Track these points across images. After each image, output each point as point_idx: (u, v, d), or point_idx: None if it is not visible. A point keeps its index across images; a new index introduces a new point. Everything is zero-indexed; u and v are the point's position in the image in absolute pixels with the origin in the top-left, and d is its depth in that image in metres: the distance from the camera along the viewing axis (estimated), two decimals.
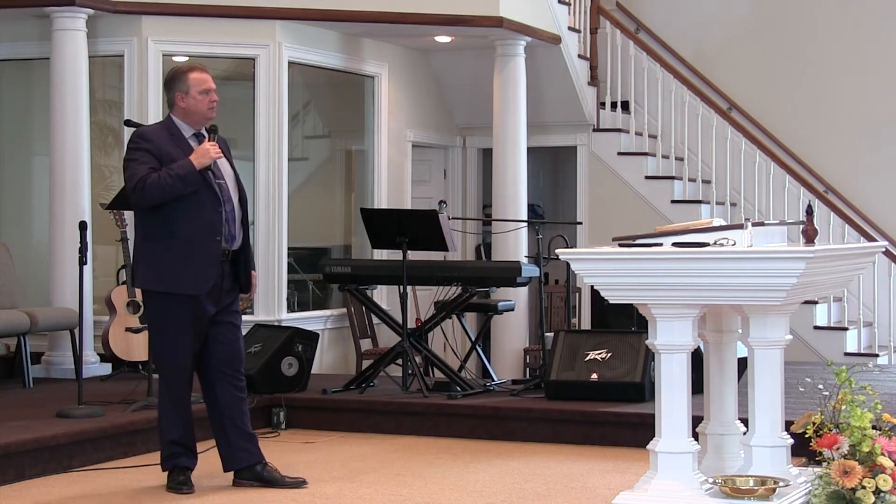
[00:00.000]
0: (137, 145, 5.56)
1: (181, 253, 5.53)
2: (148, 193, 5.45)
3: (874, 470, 4.58)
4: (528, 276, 8.05)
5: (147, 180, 5.44)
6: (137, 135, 5.62)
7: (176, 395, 5.67)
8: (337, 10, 9.46)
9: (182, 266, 5.53)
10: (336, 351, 10.10)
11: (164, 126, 5.67)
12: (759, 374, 4.69)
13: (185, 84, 5.61)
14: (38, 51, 9.14)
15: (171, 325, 5.59)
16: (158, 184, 5.44)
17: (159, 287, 5.57)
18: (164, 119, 5.74)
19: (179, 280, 5.53)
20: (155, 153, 5.52)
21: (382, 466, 6.37)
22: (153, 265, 5.57)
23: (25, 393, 8.06)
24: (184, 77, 5.62)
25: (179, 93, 5.62)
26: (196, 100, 5.60)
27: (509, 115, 10.41)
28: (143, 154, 5.52)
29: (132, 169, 5.51)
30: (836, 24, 11.50)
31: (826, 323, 10.66)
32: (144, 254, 5.61)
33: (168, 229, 5.54)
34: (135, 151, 5.55)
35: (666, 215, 10.94)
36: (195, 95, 5.60)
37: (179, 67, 5.71)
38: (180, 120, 5.65)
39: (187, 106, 5.61)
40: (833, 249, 4.97)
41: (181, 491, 5.63)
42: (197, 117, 5.63)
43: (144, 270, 5.61)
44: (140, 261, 5.63)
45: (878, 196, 11.27)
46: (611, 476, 6.06)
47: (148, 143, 5.54)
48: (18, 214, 9.97)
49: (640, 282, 4.61)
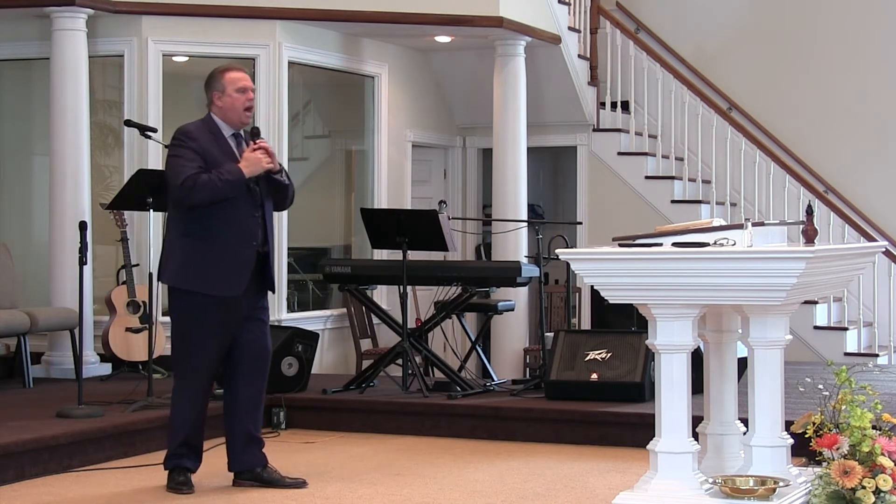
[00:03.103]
0: (182, 143, 5.56)
1: (217, 255, 5.53)
2: (197, 194, 5.45)
3: (874, 470, 4.58)
4: (528, 276, 8.05)
5: (198, 180, 5.45)
6: (182, 132, 5.61)
7: (193, 395, 5.64)
8: (337, 10, 9.46)
9: (216, 268, 5.52)
10: (336, 351, 10.10)
11: (205, 124, 5.66)
12: (759, 374, 4.69)
13: (222, 83, 5.64)
14: (38, 51, 9.14)
15: (199, 324, 5.56)
16: (208, 185, 5.45)
17: (191, 286, 5.54)
18: (204, 117, 5.72)
19: (213, 281, 5.52)
20: (199, 151, 5.53)
21: (382, 466, 6.38)
22: (186, 264, 5.55)
23: (25, 393, 8.06)
24: (220, 76, 5.66)
25: (216, 92, 5.64)
26: (233, 98, 5.62)
27: (509, 115, 10.41)
28: (188, 151, 5.52)
29: (178, 165, 5.50)
30: (836, 24, 11.50)
31: (826, 323, 10.66)
32: (177, 251, 5.58)
33: (205, 230, 5.53)
34: (180, 148, 5.55)
35: (666, 215, 10.94)
36: (231, 94, 5.62)
37: (217, 67, 5.76)
38: (219, 119, 5.66)
39: (224, 104, 5.63)
40: (833, 249, 4.97)
41: (181, 491, 5.63)
42: (234, 116, 5.65)
43: (176, 268, 5.58)
44: (171, 258, 5.61)
45: (878, 196, 11.27)
46: (611, 476, 6.06)
47: (193, 142, 5.54)
48: (18, 214, 9.97)
49: (640, 282, 4.61)
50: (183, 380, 5.67)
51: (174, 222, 5.66)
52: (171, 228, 5.68)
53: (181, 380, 5.68)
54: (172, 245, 5.63)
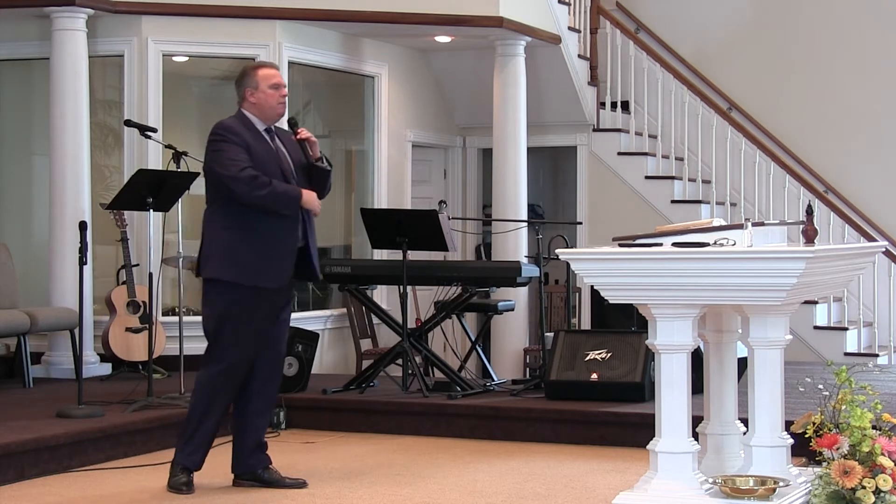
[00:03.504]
0: (224, 137, 5.56)
1: (261, 247, 5.54)
2: (256, 190, 5.46)
3: (874, 470, 4.58)
4: (528, 276, 8.05)
5: (260, 179, 5.46)
6: (222, 127, 5.62)
7: (228, 391, 5.61)
8: (337, 10, 9.46)
9: (261, 260, 5.53)
10: (336, 351, 10.10)
11: (239, 120, 5.67)
12: (759, 374, 4.69)
13: (255, 79, 5.67)
14: (38, 51, 9.14)
15: (242, 317, 5.55)
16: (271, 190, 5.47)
17: (235, 278, 5.53)
18: (235, 114, 5.73)
19: (257, 273, 5.53)
20: (244, 146, 5.55)
21: (382, 466, 6.38)
22: (230, 256, 5.54)
23: (25, 393, 8.06)
24: (253, 73, 5.70)
25: (249, 88, 5.67)
26: (266, 94, 5.66)
27: (509, 115, 10.41)
28: (233, 145, 5.53)
29: (227, 158, 5.50)
30: (836, 24, 11.50)
31: (826, 323, 10.66)
32: (219, 244, 5.57)
33: (250, 223, 5.54)
34: (223, 143, 5.55)
35: (666, 215, 10.95)
36: (265, 90, 5.65)
37: (249, 65, 5.81)
38: (251, 114, 5.68)
39: (257, 101, 5.66)
40: (833, 249, 4.97)
41: (181, 491, 5.62)
42: (267, 111, 5.68)
43: (219, 261, 5.56)
44: (213, 251, 5.58)
45: (878, 196, 11.27)
46: (611, 476, 6.06)
47: (235, 136, 5.56)
48: (18, 214, 9.97)
49: (640, 282, 4.61)
50: (219, 374, 5.59)
51: (215, 216, 5.63)
52: (212, 222, 5.64)
53: (215, 374, 5.60)
54: (213, 238, 5.60)
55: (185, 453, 5.66)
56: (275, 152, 5.67)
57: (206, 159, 5.63)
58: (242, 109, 5.72)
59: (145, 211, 7.30)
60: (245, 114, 5.70)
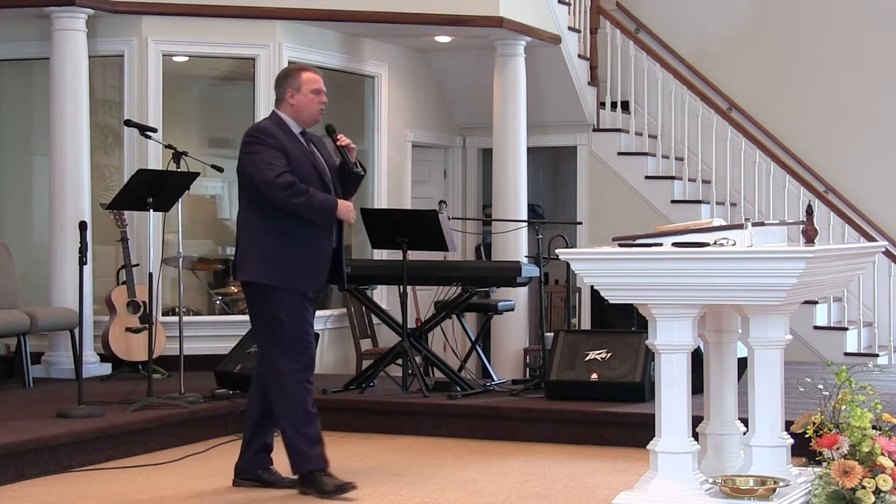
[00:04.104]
0: (261, 140, 5.51)
1: (298, 251, 5.52)
2: (291, 200, 5.42)
3: (874, 470, 4.58)
4: (528, 276, 8.05)
5: (296, 187, 5.42)
6: (259, 130, 5.57)
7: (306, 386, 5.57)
8: (337, 10, 9.46)
9: (298, 262, 5.51)
10: (336, 351, 10.10)
11: (276, 122, 5.62)
12: (759, 374, 4.69)
13: (298, 81, 5.62)
14: (38, 51, 9.14)
15: (290, 318, 5.51)
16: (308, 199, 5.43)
17: (273, 281, 5.49)
18: (270, 115, 5.69)
19: (296, 276, 5.51)
20: (280, 149, 5.50)
21: (382, 466, 6.38)
22: (268, 259, 5.50)
23: (25, 393, 8.06)
24: (296, 75, 5.65)
25: (290, 89, 5.62)
26: (307, 98, 5.62)
27: (509, 115, 10.41)
28: (270, 149, 5.48)
29: (264, 162, 5.45)
30: (836, 24, 11.50)
31: (826, 323, 10.66)
32: (256, 247, 5.53)
33: (286, 226, 5.51)
34: (259, 145, 5.50)
35: (666, 215, 10.95)
36: (306, 94, 5.61)
37: (292, 66, 5.77)
38: (288, 117, 5.63)
39: (297, 103, 5.61)
40: (833, 249, 4.97)
41: (346, 489, 5.53)
42: (306, 116, 5.64)
43: (256, 264, 5.52)
44: (249, 254, 5.55)
45: (878, 196, 11.27)
46: (611, 476, 6.06)
47: (273, 139, 5.51)
48: (18, 214, 9.97)
49: (640, 282, 4.61)
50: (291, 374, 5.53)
51: (251, 218, 5.59)
52: (247, 225, 5.61)
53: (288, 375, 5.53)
54: (250, 241, 5.57)
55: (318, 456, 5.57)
56: (311, 155, 5.63)
57: (241, 161, 5.58)
58: (279, 111, 5.66)
59: (145, 211, 7.29)
60: (281, 116, 5.64)
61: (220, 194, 10.78)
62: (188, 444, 6.94)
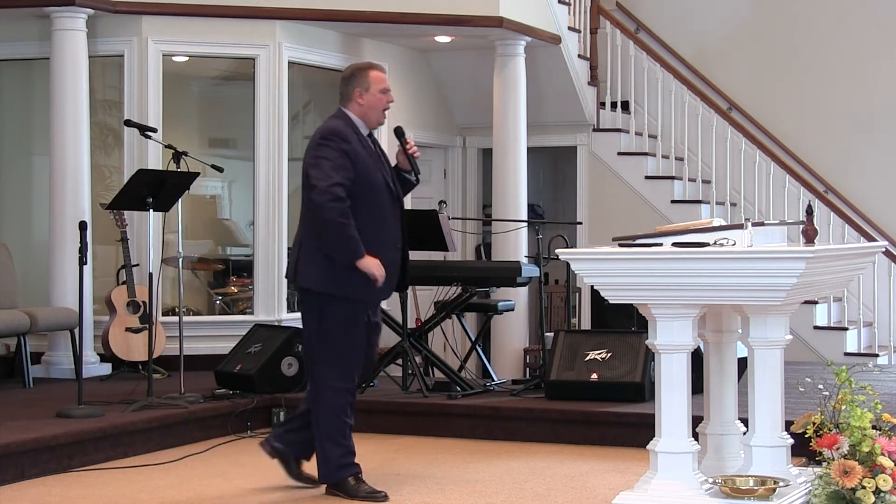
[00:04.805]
0: (336, 144, 5.37)
1: None
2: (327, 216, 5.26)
3: (874, 470, 4.58)
4: (528, 276, 8.05)
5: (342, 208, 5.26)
6: (333, 132, 5.41)
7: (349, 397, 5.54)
8: (337, 10, 9.46)
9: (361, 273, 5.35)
10: None
11: (346, 123, 5.48)
12: (759, 374, 4.69)
13: (367, 81, 5.51)
14: (38, 51, 9.14)
15: (349, 327, 5.44)
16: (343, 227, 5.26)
17: (340, 291, 5.38)
18: (339, 114, 5.52)
19: (364, 285, 5.38)
20: (350, 154, 5.36)
21: (382, 466, 6.37)
22: (331, 267, 5.37)
23: (25, 393, 8.06)
24: (365, 74, 5.52)
25: (359, 88, 5.50)
26: (376, 98, 5.51)
27: (509, 115, 10.41)
28: (340, 156, 5.34)
29: (327, 171, 5.30)
30: (836, 24, 11.50)
31: (826, 323, 10.66)
32: (320, 254, 5.38)
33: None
34: (329, 150, 5.35)
35: (666, 215, 10.95)
36: (375, 93, 5.51)
37: (359, 64, 5.64)
38: (356, 116, 5.52)
39: (366, 103, 5.50)
40: (833, 249, 4.97)
41: (378, 498, 5.48)
42: (373, 116, 5.53)
43: (321, 271, 5.39)
44: (312, 260, 5.40)
45: (878, 196, 11.27)
46: (611, 476, 6.06)
47: (345, 143, 5.38)
48: (18, 214, 9.97)
49: (640, 282, 4.62)
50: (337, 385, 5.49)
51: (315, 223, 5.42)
52: (313, 231, 5.43)
53: (335, 386, 5.48)
54: (318, 249, 5.39)
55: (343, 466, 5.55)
56: (378, 158, 5.54)
57: (307, 162, 5.41)
58: (346, 110, 5.52)
59: (145, 211, 7.29)
60: (349, 115, 5.51)
61: (220, 194, 10.79)
62: (188, 444, 6.94)
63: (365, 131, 5.53)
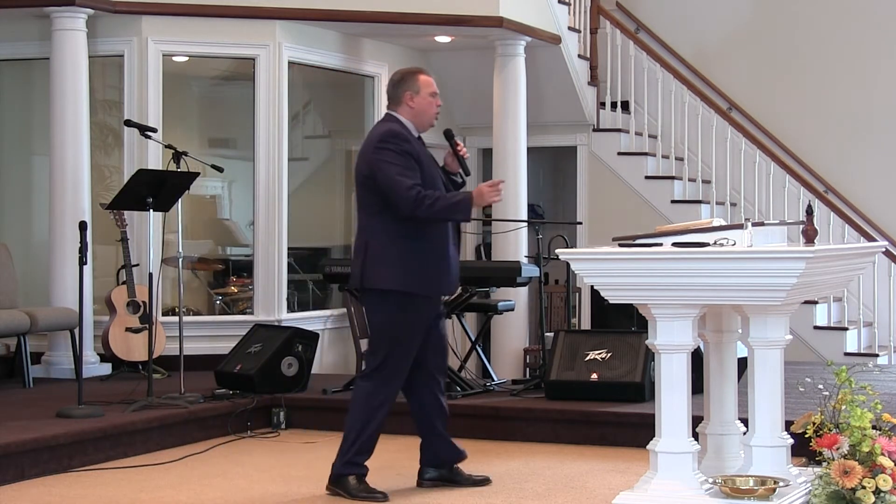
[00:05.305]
0: (396, 145, 5.44)
1: (433, 256, 5.51)
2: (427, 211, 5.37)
3: (874, 470, 4.58)
4: (528, 276, 8.04)
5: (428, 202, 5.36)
6: (394, 135, 5.48)
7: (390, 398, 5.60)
8: (337, 10, 9.46)
9: (433, 268, 5.50)
10: (336, 351, 10.10)
11: (400, 125, 5.55)
12: (759, 374, 4.69)
13: (417, 84, 5.57)
14: (38, 51, 9.14)
15: (413, 326, 5.53)
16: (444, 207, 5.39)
17: (411, 288, 5.46)
18: (390, 118, 5.60)
19: (433, 282, 5.51)
20: (414, 155, 5.46)
21: (382, 466, 6.37)
22: (404, 267, 5.45)
23: (25, 393, 8.06)
24: (414, 77, 5.60)
25: (410, 92, 5.56)
26: (426, 101, 5.58)
27: (509, 115, 10.41)
28: (407, 158, 5.43)
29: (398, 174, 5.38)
30: (836, 24, 11.50)
31: (826, 323, 10.66)
32: (391, 255, 5.46)
33: (419, 232, 5.47)
34: (396, 154, 5.42)
35: (666, 215, 10.95)
36: (425, 97, 5.58)
37: (408, 69, 5.72)
38: (407, 120, 5.58)
39: (417, 106, 5.57)
40: (833, 249, 4.97)
41: (377, 499, 5.53)
42: (424, 119, 5.60)
43: (392, 271, 5.45)
44: (383, 261, 5.47)
45: (878, 196, 11.27)
46: (611, 476, 6.06)
47: (408, 145, 5.47)
48: (18, 214, 9.97)
49: (640, 282, 4.61)
50: (385, 383, 5.56)
51: (383, 226, 5.48)
52: (379, 232, 5.50)
53: (383, 383, 5.57)
54: (383, 249, 5.47)
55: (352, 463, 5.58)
56: (431, 159, 5.62)
57: (371, 166, 5.47)
58: (397, 114, 5.59)
59: (145, 211, 7.30)
60: (402, 119, 5.58)
61: (220, 194, 10.79)
62: (188, 444, 6.94)
63: (416, 134, 5.60)
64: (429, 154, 5.63)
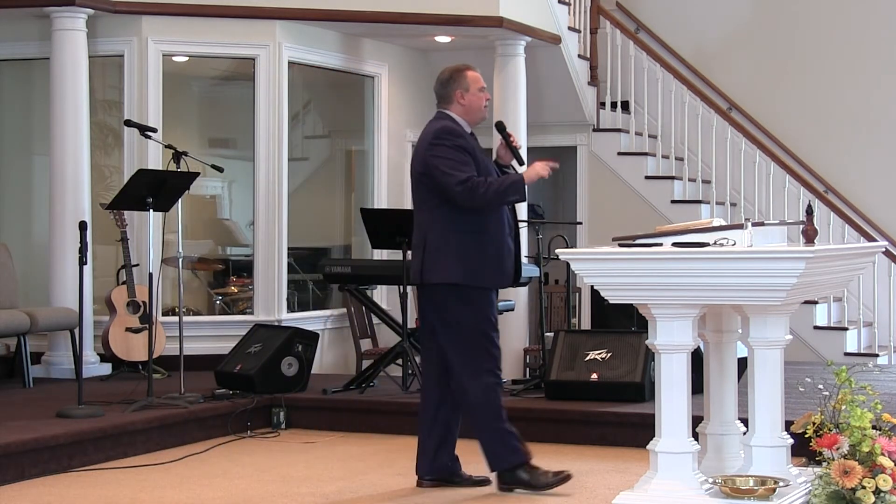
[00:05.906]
0: (454, 142, 5.56)
1: (492, 248, 5.56)
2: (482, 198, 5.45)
3: (874, 470, 4.58)
4: (528, 276, 8.04)
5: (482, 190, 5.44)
6: (448, 131, 5.59)
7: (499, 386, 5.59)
8: (337, 10, 9.46)
9: (493, 260, 5.56)
10: (336, 351, 10.10)
11: (452, 122, 5.66)
12: (759, 374, 4.69)
13: (465, 81, 5.70)
14: (38, 51, 9.14)
15: (487, 317, 5.57)
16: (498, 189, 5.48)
17: (474, 281, 5.52)
18: (441, 116, 5.70)
19: (494, 274, 5.57)
20: (468, 150, 5.57)
21: (382, 466, 6.37)
22: (466, 260, 5.51)
23: (25, 393, 8.06)
24: (463, 75, 5.72)
25: (460, 90, 5.69)
26: (476, 97, 5.70)
27: (509, 115, 10.40)
28: (460, 152, 5.54)
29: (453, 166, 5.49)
30: (836, 24, 11.50)
31: (826, 323, 10.66)
32: (451, 249, 5.52)
33: (480, 226, 5.54)
34: (449, 149, 5.53)
35: (666, 215, 10.94)
36: (475, 92, 5.70)
37: (455, 67, 5.82)
38: (458, 116, 5.68)
39: (468, 103, 5.69)
40: (833, 249, 4.97)
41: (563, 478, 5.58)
42: (475, 114, 5.72)
43: (455, 265, 5.51)
44: (445, 255, 5.52)
45: (878, 196, 11.27)
46: (611, 476, 6.06)
47: (462, 140, 5.59)
48: (18, 214, 9.98)
49: (640, 282, 4.61)
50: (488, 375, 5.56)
51: (443, 220, 5.56)
52: (438, 226, 5.57)
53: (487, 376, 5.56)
54: (444, 243, 5.54)
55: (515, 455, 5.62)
56: (484, 153, 5.70)
57: (428, 164, 5.55)
58: (448, 111, 5.69)
59: (145, 211, 7.30)
60: (454, 116, 5.68)
61: (220, 194, 10.80)
62: (188, 444, 6.95)
63: (468, 130, 5.70)
64: (482, 149, 5.71)
